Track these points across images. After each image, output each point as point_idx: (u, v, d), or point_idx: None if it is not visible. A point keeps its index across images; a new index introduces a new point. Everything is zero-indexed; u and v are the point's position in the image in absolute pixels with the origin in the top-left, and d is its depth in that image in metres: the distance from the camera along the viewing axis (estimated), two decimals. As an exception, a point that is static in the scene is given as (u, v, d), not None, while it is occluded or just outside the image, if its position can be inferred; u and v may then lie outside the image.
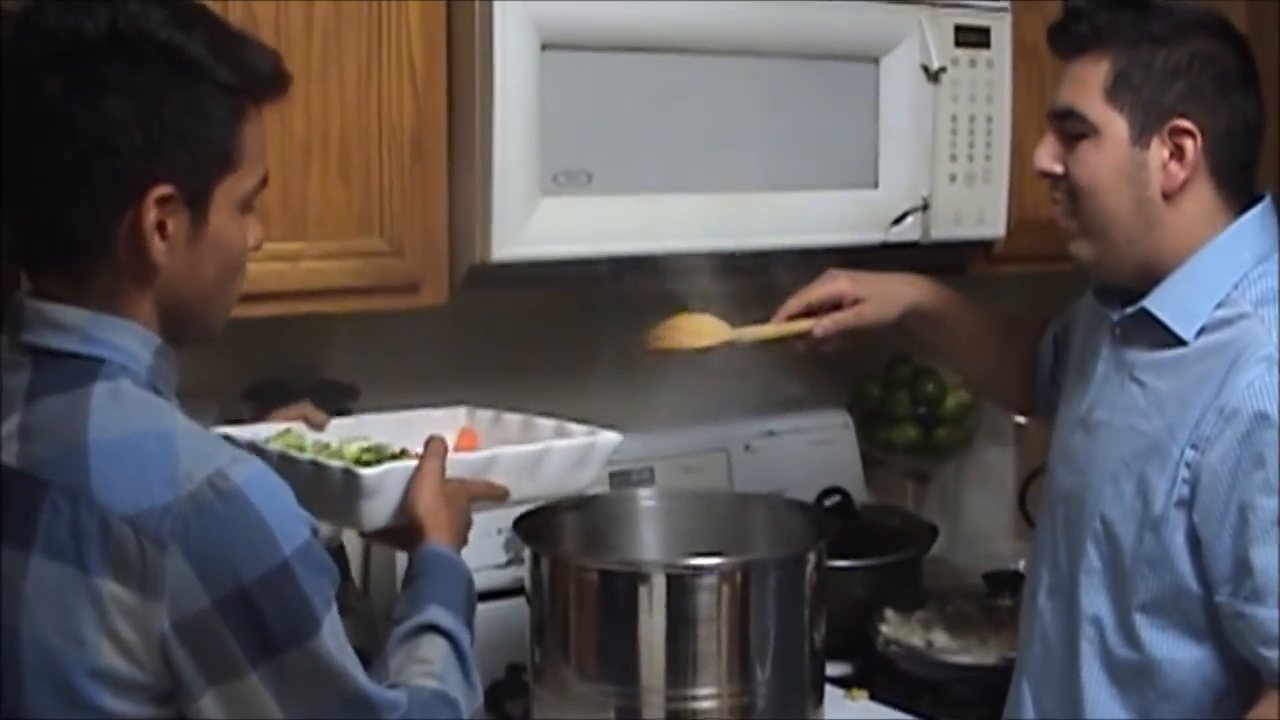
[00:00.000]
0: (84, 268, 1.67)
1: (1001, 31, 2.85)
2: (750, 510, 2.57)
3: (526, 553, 2.36)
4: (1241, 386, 2.00)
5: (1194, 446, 2.02)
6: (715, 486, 2.95)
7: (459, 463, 2.06)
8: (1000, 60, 2.86)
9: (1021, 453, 3.33)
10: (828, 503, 2.90)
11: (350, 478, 1.97)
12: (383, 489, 1.98)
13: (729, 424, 3.05)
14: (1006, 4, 2.86)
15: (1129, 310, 2.13)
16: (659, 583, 2.26)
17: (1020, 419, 3.36)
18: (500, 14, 2.35)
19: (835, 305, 2.45)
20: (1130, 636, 2.10)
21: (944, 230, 2.81)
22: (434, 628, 1.88)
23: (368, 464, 2.02)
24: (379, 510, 2.00)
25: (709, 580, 2.27)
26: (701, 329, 2.40)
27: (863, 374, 3.33)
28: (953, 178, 2.82)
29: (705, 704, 2.27)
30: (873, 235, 2.74)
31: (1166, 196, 2.09)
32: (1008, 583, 2.81)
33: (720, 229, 2.57)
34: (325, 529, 2.59)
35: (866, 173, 2.75)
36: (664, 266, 2.48)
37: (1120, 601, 2.10)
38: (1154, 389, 2.10)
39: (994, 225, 2.88)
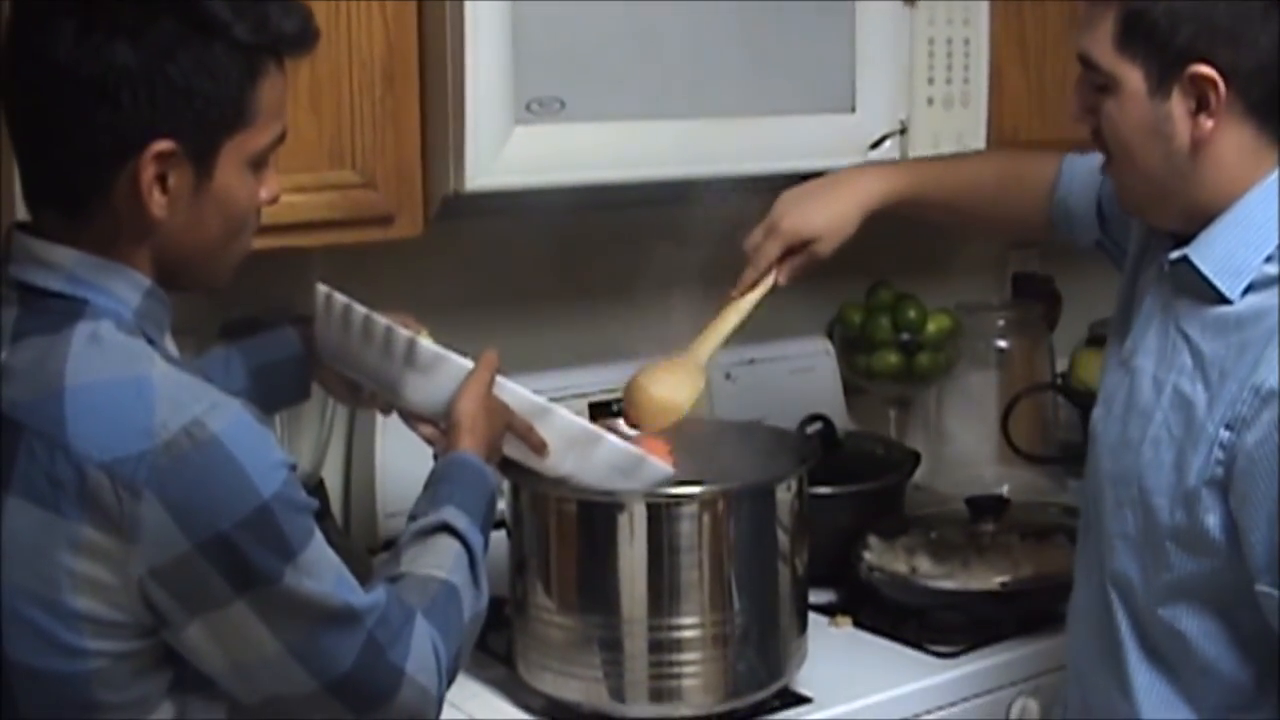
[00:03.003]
0: (82, 211, 1.67)
1: (978, -47, 2.84)
2: (730, 438, 2.54)
3: (505, 485, 2.34)
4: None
5: (1229, 427, 1.93)
6: (696, 415, 2.94)
7: (515, 395, 2.11)
8: (978, -18, 2.84)
9: (1004, 377, 3.32)
10: (809, 430, 2.88)
11: (411, 347, 2.07)
12: (434, 369, 2.08)
13: (709, 352, 3.03)
14: (983, -75, 2.84)
15: (1173, 255, 2.02)
16: (639, 512, 2.24)
17: (1002, 344, 3.35)
18: (470, -58, 2.34)
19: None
20: (1160, 608, 2.03)
21: (923, 153, 2.78)
22: (448, 528, 1.90)
23: None
24: (423, 388, 2.09)
25: (689, 509, 2.26)
26: (677, 393, 2.35)
27: (843, 300, 3.31)
28: (930, 101, 2.81)
29: (688, 633, 2.27)
30: (851, 159, 2.70)
31: (1197, 147, 1.97)
32: (990, 507, 2.80)
33: (696, 155, 2.55)
34: (304, 464, 2.61)
35: (844, 97, 2.73)
36: (640, 194, 2.46)
37: (1150, 573, 2.04)
38: (1199, 349, 2.00)
39: (973, 147, 2.86)
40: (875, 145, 2.74)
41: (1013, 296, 3.60)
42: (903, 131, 2.76)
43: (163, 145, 1.63)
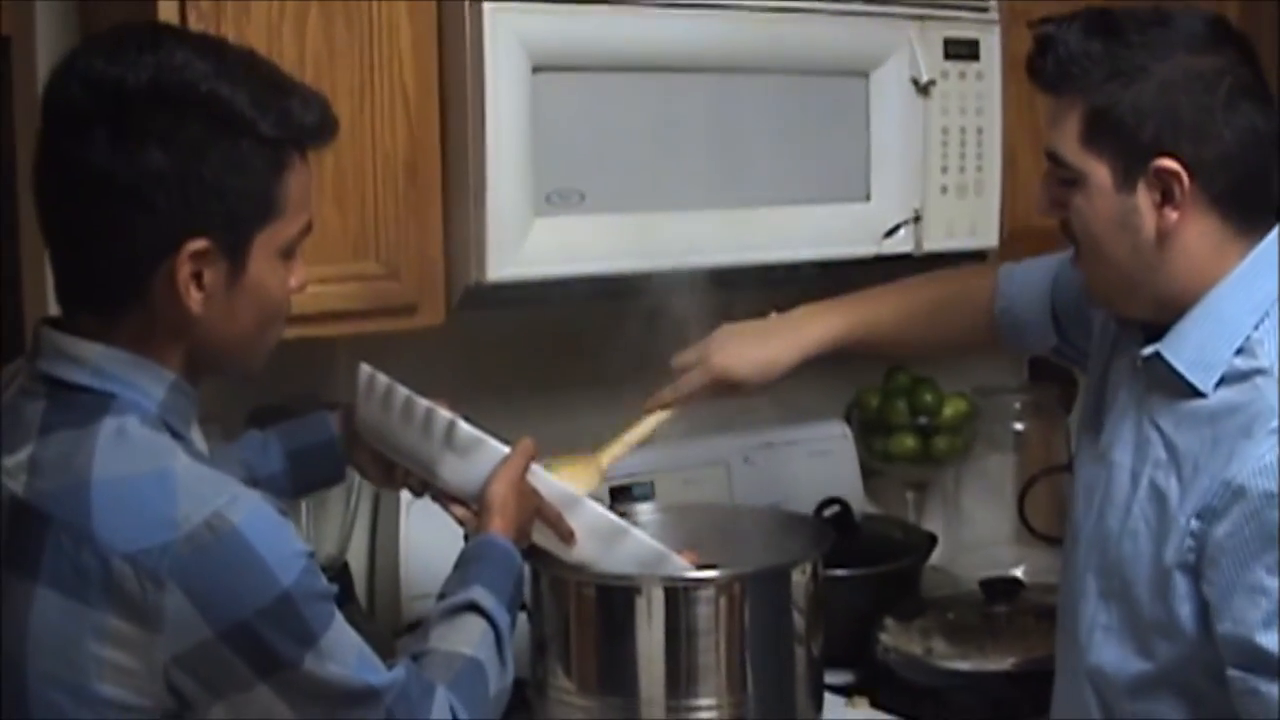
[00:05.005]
0: (117, 310, 1.72)
1: (990, 43, 2.87)
2: (748, 522, 2.59)
3: (526, 569, 2.37)
4: (1251, 461, 1.91)
5: (1199, 517, 1.95)
6: (715, 499, 2.98)
7: (547, 483, 2.16)
8: (990, 72, 2.88)
9: (1021, 460, 3.35)
10: (827, 513, 2.91)
11: (451, 429, 2.12)
12: (471, 452, 2.13)
13: (728, 437, 3.07)
14: (995, 16, 2.88)
15: (1145, 352, 2.04)
16: (657, 596, 2.28)
17: (1019, 426, 3.38)
18: (491, 38, 2.39)
19: None
20: (1135, 698, 2.06)
21: (937, 242, 2.83)
22: (475, 607, 1.95)
23: None
24: (459, 470, 2.13)
25: (706, 593, 2.30)
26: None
27: (860, 384, 3.35)
28: (944, 189, 2.85)
29: (704, 714, 2.30)
30: (865, 248, 2.77)
31: (1163, 238, 1.99)
32: (1004, 589, 2.82)
33: (713, 245, 2.59)
34: (329, 548, 2.64)
35: (858, 186, 2.78)
36: (658, 284, 2.50)
37: (1129, 663, 2.06)
38: (1172, 443, 2.02)
39: (987, 236, 2.91)
40: (889, 234, 2.78)
41: (1029, 379, 3.62)
42: (917, 220, 2.80)
43: (198, 244, 1.67)
